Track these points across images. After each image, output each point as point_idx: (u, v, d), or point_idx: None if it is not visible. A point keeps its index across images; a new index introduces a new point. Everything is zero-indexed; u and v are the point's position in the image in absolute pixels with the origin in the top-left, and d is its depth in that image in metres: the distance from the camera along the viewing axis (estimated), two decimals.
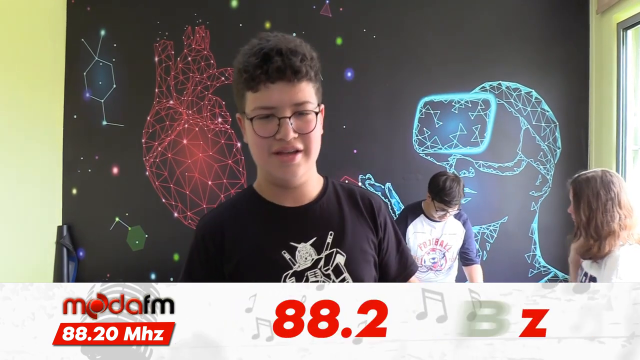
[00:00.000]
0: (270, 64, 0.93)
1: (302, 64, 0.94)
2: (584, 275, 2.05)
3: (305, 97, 0.96)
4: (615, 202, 1.92)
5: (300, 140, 0.96)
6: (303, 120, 0.96)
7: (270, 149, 0.97)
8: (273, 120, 0.95)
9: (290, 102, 0.94)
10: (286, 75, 0.93)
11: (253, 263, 1.02)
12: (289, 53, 0.94)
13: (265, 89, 0.94)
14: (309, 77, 0.96)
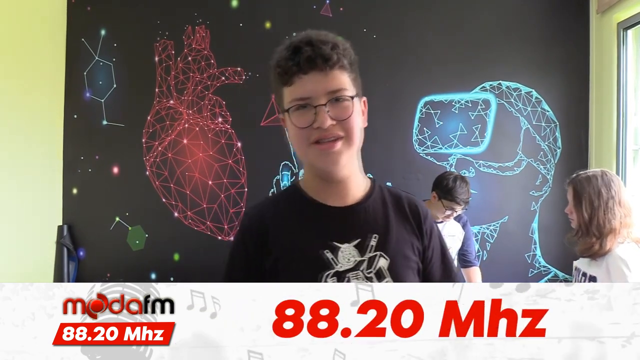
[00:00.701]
0: (301, 55, 0.93)
1: (332, 52, 0.94)
2: (582, 275, 2.05)
3: (340, 85, 0.95)
4: (616, 201, 1.93)
5: (339, 127, 0.95)
6: (340, 107, 0.94)
7: (310, 139, 0.95)
8: (309, 110, 0.94)
9: (324, 90, 0.94)
10: (317, 64, 0.93)
11: (292, 261, 1.00)
12: (319, 43, 0.94)
13: (299, 81, 0.94)
14: (342, 65, 0.95)
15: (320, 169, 1.00)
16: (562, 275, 3.16)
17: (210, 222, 3.43)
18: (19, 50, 3.10)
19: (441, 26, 3.22)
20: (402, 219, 1.06)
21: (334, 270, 0.98)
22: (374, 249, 1.00)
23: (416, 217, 1.07)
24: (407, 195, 1.12)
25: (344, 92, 0.95)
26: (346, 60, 0.96)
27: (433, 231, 1.09)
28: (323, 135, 0.94)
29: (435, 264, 1.08)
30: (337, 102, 0.94)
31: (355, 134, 0.96)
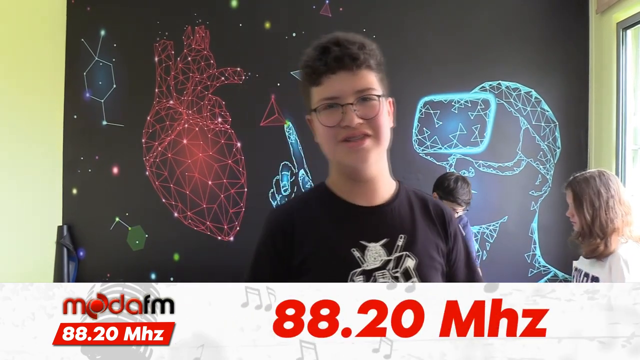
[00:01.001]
0: (329, 55, 0.95)
1: (360, 52, 0.95)
2: (584, 275, 2.05)
3: (367, 84, 0.96)
4: (616, 199, 1.94)
5: (367, 126, 0.96)
6: (367, 106, 0.96)
7: (337, 138, 0.97)
8: (337, 109, 0.95)
9: (352, 90, 0.95)
10: (345, 63, 0.94)
11: (321, 259, 1.00)
12: (346, 43, 0.96)
13: (328, 81, 0.96)
14: (369, 65, 0.97)
15: (349, 167, 1.01)
16: (562, 275, 3.17)
17: (210, 222, 3.43)
18: (19, 51, 3.10)
19: (441, 26, 3.22)
20: (428, 221, 1.07)
21: (361, 268, 0.98)
22: (401, 248, 1.01)
23: (441, 220, 1.08)
24: (432, 198, 1.13)
25: (372, 91, 0.96)
26: (373, 61, 0.98)
27: (457, 234, 1.10)
28: (351, 133, 0.96)
29: (460, 266, 1.09)
30: (364, 101, 0.96)
31: (382, 132, 0.98)
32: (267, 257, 1.05)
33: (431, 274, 1.02)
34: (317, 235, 1.02)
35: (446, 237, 1.07)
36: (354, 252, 0.99)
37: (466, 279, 1.10)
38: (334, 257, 1.00)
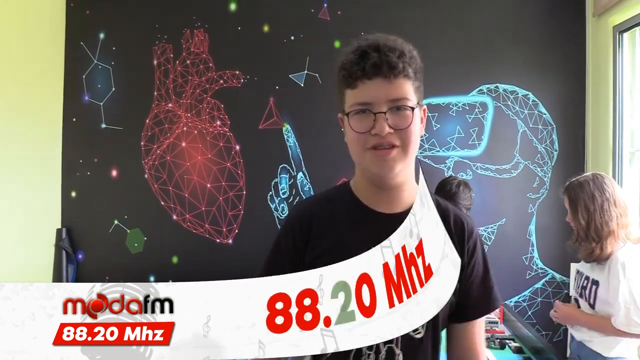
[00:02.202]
0: (367, 60, 0.93)
1: (399, 60, 0.93)
2: (585, 279, 2.06)
3: (402, 94, 0.94)
4: (611, 202, 1.95)
5: (396, 136, 0.94)
6: (400, 116, 0.94)
7: (366, 145, 0.96)
8: (369, 116, 0.94)
9: (386, 98, 0.93)
10: (382, 71, 0.93)
11: (335, 258, 0.98)
12: (386, 49, 0.94)
13: (363, 86, 0.94)
14: (407, 74, 0.95)
15: (374, 174, 1.00)
16: (560, 278, 3.17)
17: (208, 225, 3.43)
18: (18, 54, 3.10)
19: (439, 29, 3.23)
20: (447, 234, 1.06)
21: None
22: None
23: (460, 234, 1.05)
24: (457, 210, 1.10)
25: (406, 102, 0.94)
26: (411, 69, 0.96)
27: (477, 251, 1.07)
28: (379, 142, 0.94)
29: (475, 283, 1.06)
30: (397, 111, 0.94)
31: (411, 143, 0.96)
32: (285, 249, 1.06)
33: None
34: (334, 234, 1.03)
35: (462, 252, 1.03)
36: None
37: (481, 296, 1.07)
38: (348, 257, 0.98)
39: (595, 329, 1.99)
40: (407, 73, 0.95)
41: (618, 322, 1.86)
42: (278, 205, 3.36)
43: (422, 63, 1.00)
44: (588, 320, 2.01)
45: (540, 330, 3.11)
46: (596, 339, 1.98)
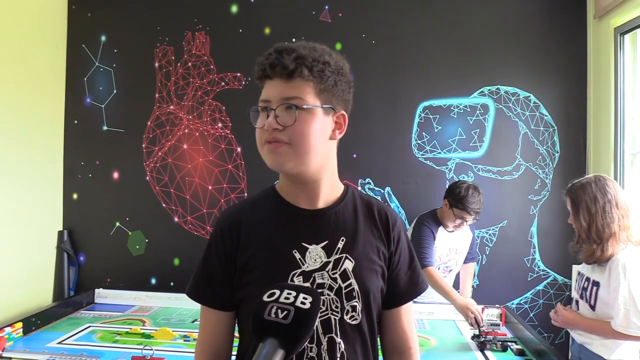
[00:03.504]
0: (267, 61, 1.00)
1: (293, 62, 0.97)
2: (585, 280, 2.06)
3: (296, 93, 0.98)
4: (613, 204, 1.95)
5: (284, 134, 0.97)
6: (287, 114, 0.98)
7: (261, 138, 1.01)
8: (265, 113, 1.01)
9: (279, 96, 0.98)
10: (276, 71, 0.99)
11: (264, 259, 1.04)
12: (284, 51, 0.99)
13: (265, 84, 1.02)
14: (302, 75, 0.98)
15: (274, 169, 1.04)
16: (562, 280, 3.17)
17: (210, 227, 3.44)
18: (20, 56, 3.11)
19: (439, 31, 3.24)
20: (371, 225, 1.10)
21: (301, 269, 1.02)
22: (340, 250, 1.05)
23: (384, 224, 1.11)
24: (379, 202, 1.17)
25: (296, 101, 0.98)
26: (309, 71, 0.98)
27: (401, 239, 1.13)
28: (269, 137, 0.99)
29: (402, 270, 1.12)
30: (287, 110, 0.98)
31: (300, 141, 0.98)
32: (216, 253, 1.10)
33: (369, 276, 1.05)
34: (262, 235, 1.06)
35: (388, 241, 1.10)
36: (295, 253, 1.03)
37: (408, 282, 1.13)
38: (276, 257, 1.04)
39: (595, 333, 1.98)
40: (303, 74, 0.98)
41: (617, 323, 1.85)
42: None
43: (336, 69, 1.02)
44: (588, 325, 2.01)
45: (542, 333, 3.10)
46: (596, 342, 1.98)
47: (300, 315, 0.72)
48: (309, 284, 1.01)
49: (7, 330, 2.45)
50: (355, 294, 1.03)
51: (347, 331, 1.03)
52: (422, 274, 1.17)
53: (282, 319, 0.71)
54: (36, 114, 3.29)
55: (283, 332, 0.70)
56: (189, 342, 2.52)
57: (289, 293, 0.75)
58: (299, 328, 0.71)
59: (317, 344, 1.01)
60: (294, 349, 0.70)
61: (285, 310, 0.72)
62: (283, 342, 0.70)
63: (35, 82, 3.27)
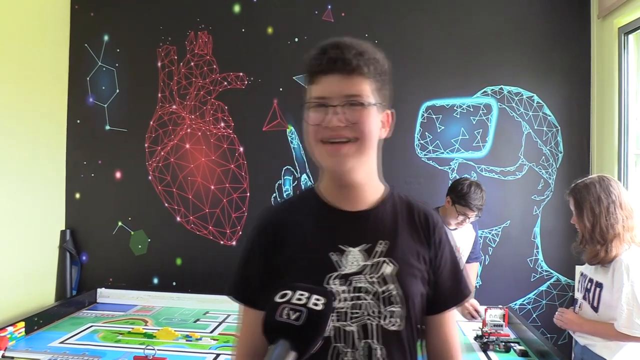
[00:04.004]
0: (325, 56, 0.96)
1: (354, 58, 0.96)
2: (588, 281, 2.05)
3: (357, 91, 0.96)
4: (617, 205, 1.94)
5: (349, 130, 0.96)
6: (353, 111, 0.96)
7: (317, 136, 0.98)
8: (324, 109, 0.96)
9: (340, 93, 0.96)
10: (337, 66, 0.95)
11: (300, 260, 1.02)
12: (344, 47, 0.97)
13: (321, 80, 0.97)
14: (362, 72, 0.97)
15: (329, 170, 1.02)
16: (565, 280, 3.16)
17: (212, 227, 3.44)
18: (23, 55, 3.11)
19: (443, 31, 3.23)
20: (412, 228, 1.07)
21: (337, 272, 0.99)
22: (379, 254, 1.01)
23: (425, 227, 1.08)
24: (420, 204, 1.12)
25: (359, 98, 0.96)
26: (368, 68, 0.97)
27: (443, 242, 1.09)
28: (331, 135, 0.96)
29: (445, 274, 1.07)
30: (351, 106, 0.96)
31: (366, 139, 0.97)
32: (254, 254, 1.07)
33: (408, 281, 1.01)
34: (299, 237, 1.04)
35: (429, 244, 1.06)
36: (332, 255, 1.00)
37: (452, 286, 1.08)
38: (313, 259, 1.01)
39: (598, 335, 1.97)
40: (363, 72, 0.97)
41: (620, 324, 1.84)
42: None
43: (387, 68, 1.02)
44: (591, 327, 2.00)
45: (545, 333, 3.09)
46: (599, 343, 1.97)
47: (313, 316, 0.71)
48: (346, 287, 0.98)
49: (9, 329, 2.45)
50: (394, 299, 0.99)
51: (385, 337, 0.99)
52: (466, 279, 1.12)
53: (294, 320, 0.70)
54: (39, 114, 3.29)
55: (295, 333, 0.69)
56: (191, 342, 2.52)
57: (301, 294, 0.74)
58: (311, 330, 0.70)
59: (353, 348, 0.98)
60: (306, 350, 0.69)
61: (298, 311, 0.71)
62: (295, 344, 0.69)
63: (37, 81, 3.27)
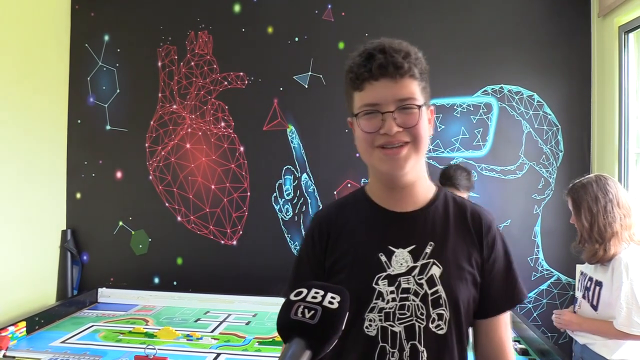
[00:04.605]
0: (374, 62, 0.95)
1: (404, 60, 0.95)
2: (588, 280, 2.06)
3: (409, 93, 0.96)
4: (615, 203, 1.95)
5: (405, 134, 0.96)
6: (407, 114, 0.96)
7: (374, 143, 0.97)
8: (377, 116, 0.96)
9: (393, 98, 0.95)
10: (388, 71, 0.95)
11: (351, 261, 1.03)
12: (392, 50, 0.96)
13: (370, 87, 0.96)
14: (412, 74, 0.96)
15: (384, 174, 1.02)
16: (565, 279, 3.16)
17: (213, 227, 3.44)
18: (24, 55, 3.11)
19: (443, 30, 3.23)
20: (463, 230, 1.05)
21: (386, 273, 1.00)
22: (428, 256, 1.01)
23: (478, 229, 1.05)
24: (474, 205, 1.10)
25: (413, 101, 0.96)
26: (417, 70, 0.97)
27: (496, 245, 1.06)
28: (389, 140, 0.96)
29: (497, 277, 1.05)
30: (404, 110, 0.96)
31: (421, 141, 0.98)
32: (307, 256, 1.10)
33: (457, 283, 1.00)
34: (349, 238, 1.06)
35: (481, 247, 1.04)
36: (381, 256, 1.01)
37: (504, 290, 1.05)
38: (362, 260, 1.02)
39: (598, 334, 1.98)
40: (413, 73, 0.96)
41: (619, 323, 1.85)
42: (282, 206, 3.36)
43: (427, 65, 1.01)
44: (590, 326, 2.00)
45: (545, 332, 3.09)
46: (599, 342, 1.98)
47: (328, 315, 0.70)
48: (394, 288, 0.99)
49: (10, 329, 2.46)
50: (442, 302, 0.98)
51: (432, 340, 0.98)
52: (521, 283, 1.08)
53: (309, 318, 0.70)
54: (39, 114, 3.30)
55: (310, 332, 0.69)
56: (191, 342, 2.52)
57: (316, 292, 0.73)
58: (326, 328, 0.69)
59: (399, 349, 0.98)
60: (321, 349, 0.69)
61: (313, 309, 0.71)
62: (310, 343, 0.68)
63: (38, 81, 3.27)
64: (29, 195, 3.18)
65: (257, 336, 2.63)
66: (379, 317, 0.99)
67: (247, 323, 2.88)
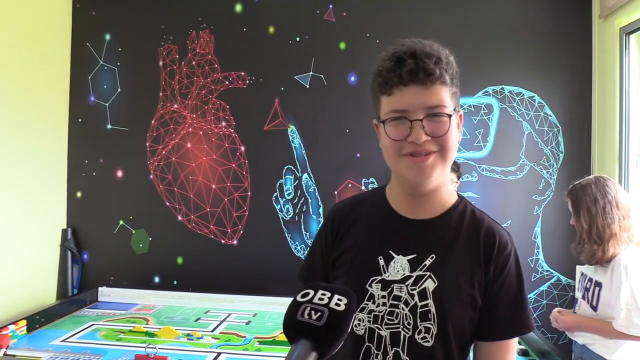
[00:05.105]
0: (404, 67, 0.92)
1: (435, 67, 0.92)
2: (588, 280, 2.06)
3: (439, 101, 0.92)
4: (613, 204, 1.95)
5: (434, 142, 0.93)
6: (436, 123, 0.92)
7: (402, 151, 0.94)
8: (405, 123, 0.92)
9: (422, 105, 0.91)
10: (419, 77, 0.91)
11: (351, 259, 1.03)
12: (423, 56, 0.93)
13: (399, 92, 0.93)
14: (443, 80, 0.93)
15: (409, 181, 0.98)
16: (565, 280, 3.16)
17: (213, 226, 3.44)
18: (24, 54, 3.12)
19: (443, 31, 3.22)
20: (472, 246, 1.01)
21: (381, 277, 0.99)
22: (426, 268, 0.98)
23: (489, 249, 1.01)
24: (492, 223, 1.06)
25: (442, 109, 0.92)
26: (448, 75, 0.94)
27: (507, 268, 1.00)
28: (416, 149, 0.93)
29: (502, 302, 0.99)
30: (434, 118, 0.92)
31: (449, 150, 0.95)
32: (319, 243, 1.12)
33: (450, 302, 0.96)
34: (356, 235, 1.06)
35: (487, 268, 0.99)
36: (380, 260, 1.00)
37: (511, 317, 0.99)
38: (361, 259, 1.02)
39: (597, 334, 1.98)
40: (444, 79, 0.93)
41: (619, 323, 1.85)
42: (283, 206, 3.36)
43: (458, 69, 0.98)
44: (590, 326, 2.01)
45: (545, 333, 3.09)
46: (598, 342, 1.98)
47: (334, 317, 0.70)
48: (385, 293, 0.98)
49: (11, 328, 2.46)
50: (430, 316, 0.95)
51: (416, 351, 0.96)
52: (529, 314, 1.01)
53: (316, 320, 0.69)
54: (40, 113, 3.30)
55: (316, 334, 0.68)
56: (192, 341, 2.52)
57: (323, 294, 0.73)
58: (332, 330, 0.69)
59: (383, 352, 0.97)
60: (327, 351, 0.68)
61: (319, 311, 0.70)
62: (316, 344, 0.68)
63: (39, 80, 3.28)
64: (29, 193, 3.18)
65: (258, 336, 2.64)
66: (368, 319, 0.98)
67: (248, 322, 2.89)
